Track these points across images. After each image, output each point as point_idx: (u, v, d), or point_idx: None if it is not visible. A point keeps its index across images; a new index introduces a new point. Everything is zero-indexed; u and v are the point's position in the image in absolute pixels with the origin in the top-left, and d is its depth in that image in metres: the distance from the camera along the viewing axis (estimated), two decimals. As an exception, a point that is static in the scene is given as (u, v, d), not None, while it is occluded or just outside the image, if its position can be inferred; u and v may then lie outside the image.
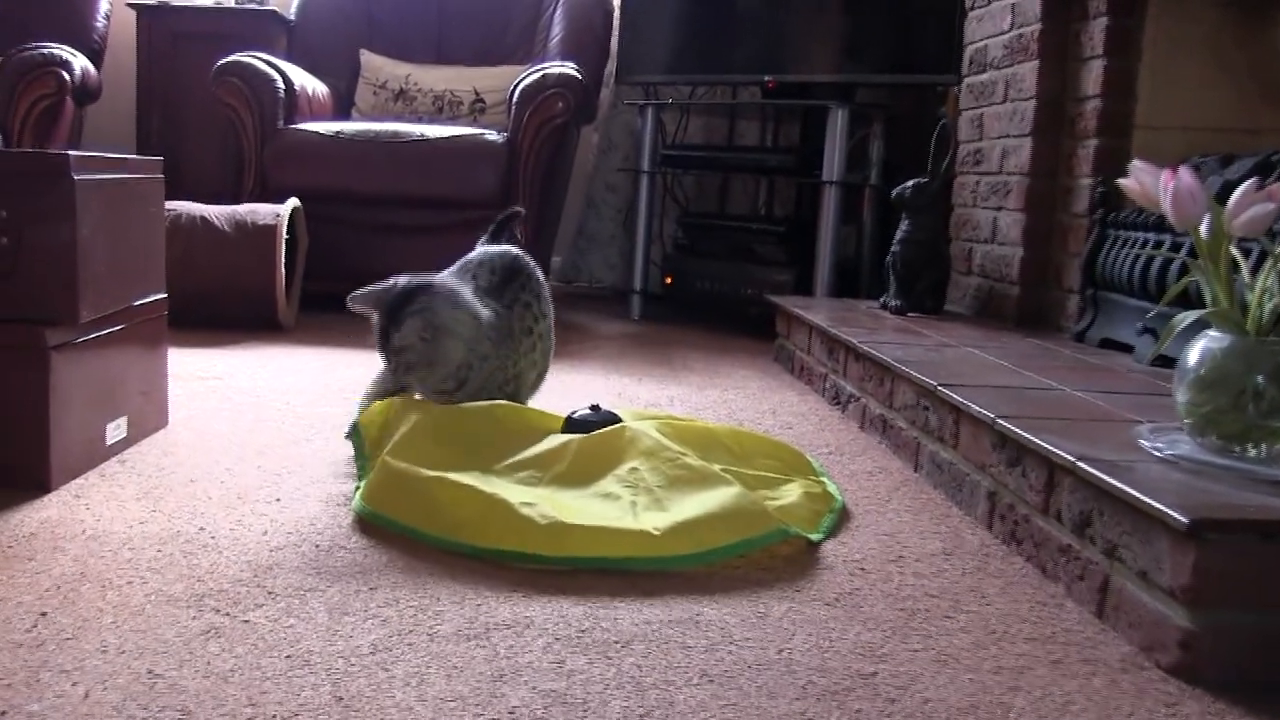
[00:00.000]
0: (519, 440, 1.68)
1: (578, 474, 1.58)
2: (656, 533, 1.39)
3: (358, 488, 1.58)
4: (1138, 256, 2.21)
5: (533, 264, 1.95)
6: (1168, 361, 2.01)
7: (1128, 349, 2.25)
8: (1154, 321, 2.13)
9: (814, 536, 1.51)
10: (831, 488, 1.71)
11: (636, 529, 1.40)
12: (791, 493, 1.62)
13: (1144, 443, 1.42)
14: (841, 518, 1.62)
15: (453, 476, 1.49)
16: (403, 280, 1.77)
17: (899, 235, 2.88)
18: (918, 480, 1.87)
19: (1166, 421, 1.52)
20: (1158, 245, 2.16)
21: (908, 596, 1.33)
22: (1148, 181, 1.41)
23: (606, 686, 1.06)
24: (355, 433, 1.75)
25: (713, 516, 1.44)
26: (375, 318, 1.76)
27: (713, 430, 1.82)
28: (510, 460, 1.62)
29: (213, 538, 1.41)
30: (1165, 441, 1.40)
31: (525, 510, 1.42)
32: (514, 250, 1.95)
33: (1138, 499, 1.19)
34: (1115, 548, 1.26)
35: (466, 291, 1.80)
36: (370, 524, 1.47)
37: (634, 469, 1.57)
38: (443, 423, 1.67)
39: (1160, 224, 2.18)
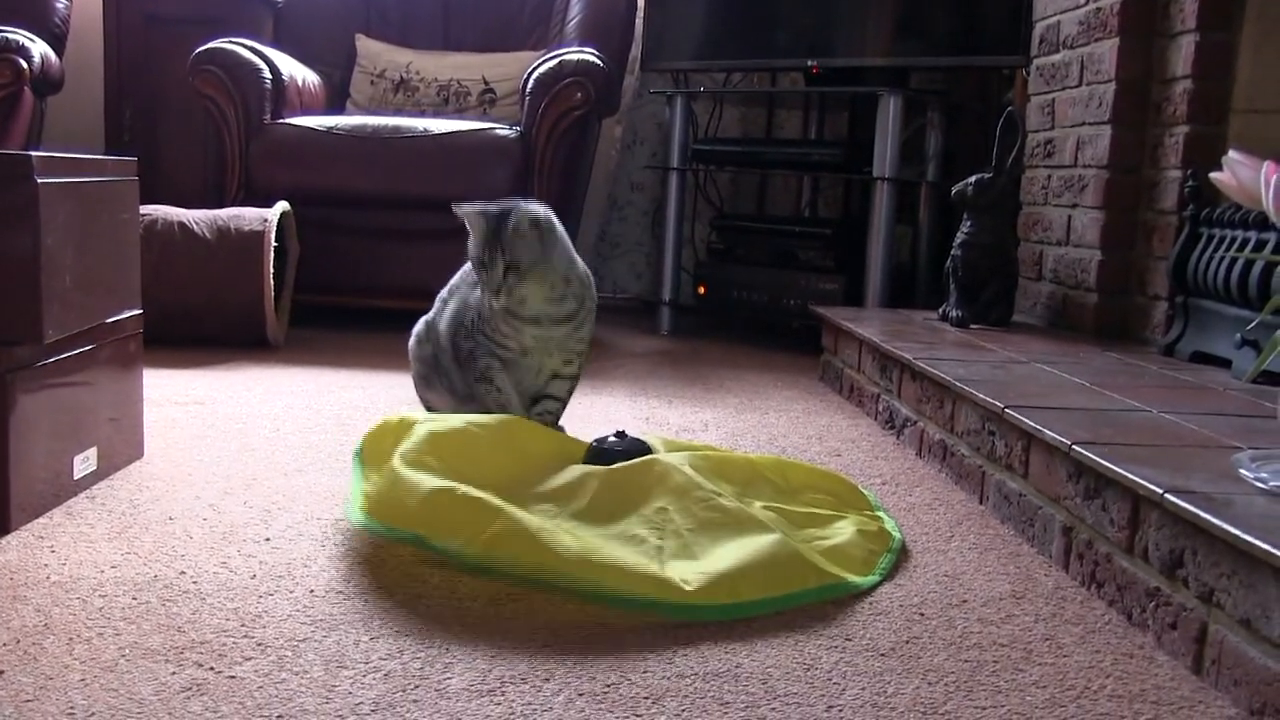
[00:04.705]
0: (536, 469, 1.68)
1: (599, 512, 1.58)
2: (686, 586, 1.39)
3: (351, 496, 1.60)
4: (1235, 259, 2.20)
5: None
6: (1272, 378, 2.00)
7: (1225, 364, 2.24)
8: (1255, 333, 2.11)
9: (866, 582, 1.50)
10: (889, 524, 1.71)
11: (663, 577, 1.41)
12: (844, 531, 1.62)
13: (1245, 472, 1.40)
14: (900, 558, 1.61)
15: (464, 489, 1.51)
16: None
17: (960, 238, 2.87)
18: (983, 514, 1.85)
19: (1271, 447, 1.50)
20: (1259, 246, 2.15)
21: (973, 646, 1.32)
22: (1245, 175, 1.40)
23: (635, 750, 1.06)
24: (358, 453, 1.75)
25: (748, 567, 1.44)
26: (477, 231, 1.84)
27: (753, 462, 1.82)
28: (524, 492, 1.62)
29: (194, 583, 1.42)
30: (1270, 471, 1.39)
31: (545, 536, 1.44)
32: None
33: (1238, 537, 1.18)
34: (1212, 592, 1.25)
35: None
36: (369, 534, 1.50)
37: (662, 509, 1.57)
38: (452, 444, 1.67)
39: (1262, 222, 2.17)
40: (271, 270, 3.04)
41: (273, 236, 3.06)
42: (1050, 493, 1.66)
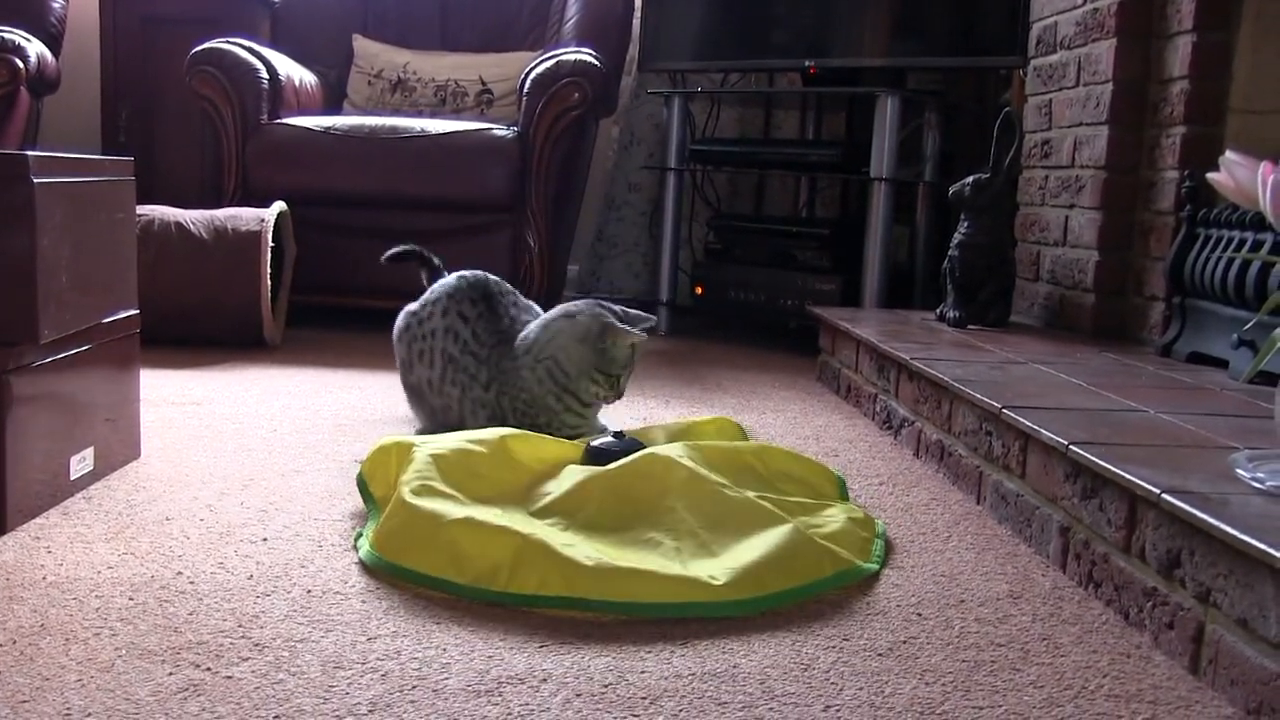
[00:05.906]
0: (536, 476, 1.68)
1: (609, 519, 1.58)
2: (715, 583, 1.40)
3: (360, 533, 1.58)
4: (1232, 260, 2.20)
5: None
6: (1269, 379, 2.00)
7: (1221, 364, 2.24)
8: (1252, 333, 2.11)
9: (871, 567, 1.54)
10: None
11: (691, 577, 1.41)
12: (835, 518, 1.65)
13: (1241, 472, 1.40)
14: (887, 547, 1.64)
15: (480, 517, 1.49)
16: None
17: (957, 238, 2.87)
18: (980, 514, 1.86)
19: (1267, 448, 1.50)
20: (1256, 247, 2.15)
21: (970, 646, 1.32)
22: (1242, 175, 1.40)
23: (632, 750, 1.06)
24: (362, 485, 1.72)
25: (769, 559, 1.46)
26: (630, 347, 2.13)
27: (738, 449, 1.85)
28: (532, 506, 1.62)
29: (191, 583, 1.41)
30: (1267, 471, 1.39)
31: (568, 551, 1.43)
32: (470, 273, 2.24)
33: (1234, 537, 1.18)
34: (1209, 592, 1.25)
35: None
36: (381, 573, 1.47)
37: (670, 509, 1.58)
38: (454, 466, 1.65)
39: (1259, 223, 2.17)
40: (268, 270, 3.04)
41: (269, 237, 3.06)
42: (1047, 493, 1.66)
